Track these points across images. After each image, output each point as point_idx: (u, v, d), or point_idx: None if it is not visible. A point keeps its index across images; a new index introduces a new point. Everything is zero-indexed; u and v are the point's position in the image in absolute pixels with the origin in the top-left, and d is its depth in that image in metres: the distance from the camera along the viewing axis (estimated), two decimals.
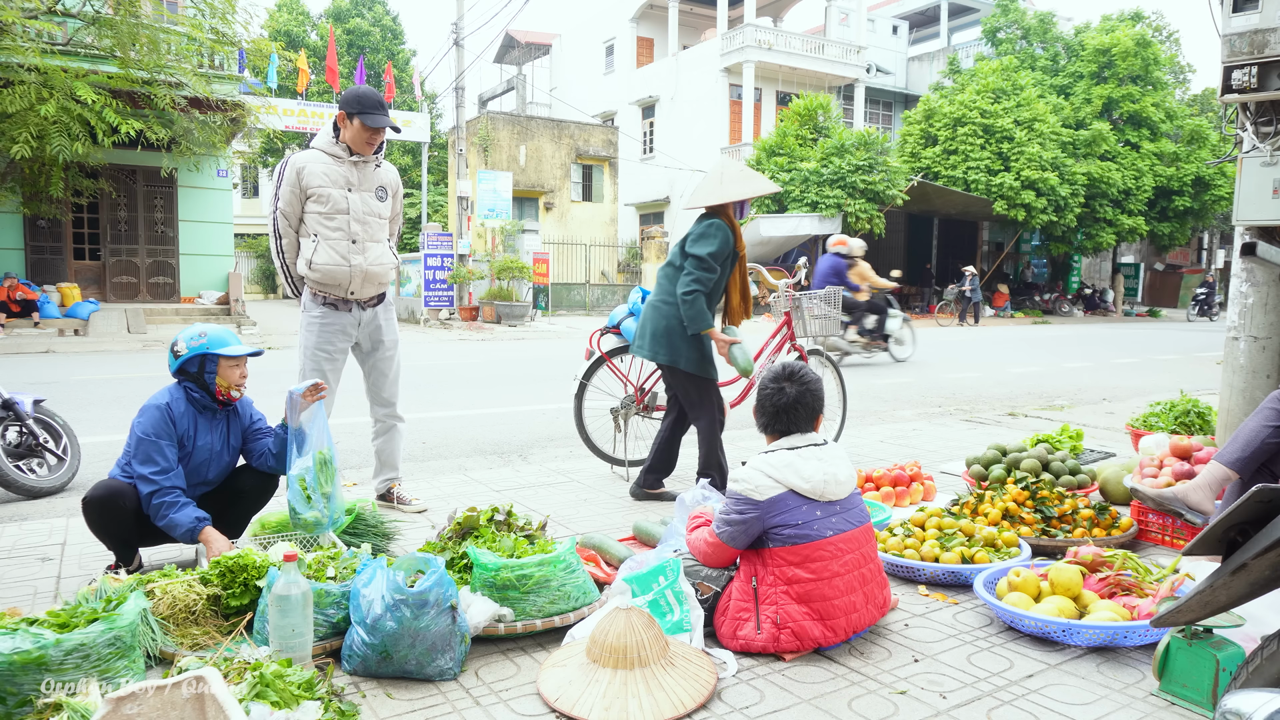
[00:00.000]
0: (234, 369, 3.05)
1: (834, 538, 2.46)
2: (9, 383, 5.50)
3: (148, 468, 2.87)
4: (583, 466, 4.93)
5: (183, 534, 2.87)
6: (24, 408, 4.50)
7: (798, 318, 5.02)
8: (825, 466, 2.52)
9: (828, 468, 2.52)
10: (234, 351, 3.02)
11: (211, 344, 3.00)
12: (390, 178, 3.85)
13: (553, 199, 27.86)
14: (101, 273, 17.39)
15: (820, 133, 24.79)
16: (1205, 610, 1.64)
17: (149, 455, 2.89)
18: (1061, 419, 6.83)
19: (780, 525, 2.44)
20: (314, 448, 3.06)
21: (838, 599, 2.43)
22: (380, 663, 2.26)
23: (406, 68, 34.12)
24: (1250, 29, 3.79)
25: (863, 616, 2.49)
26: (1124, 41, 26.64)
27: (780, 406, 2.62)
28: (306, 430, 3.06)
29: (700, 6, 33.43)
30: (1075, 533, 3.35)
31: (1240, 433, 2.82)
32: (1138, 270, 33.52)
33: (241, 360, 3.08)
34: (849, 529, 2.50)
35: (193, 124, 14.76)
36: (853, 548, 2.49)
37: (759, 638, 2.43)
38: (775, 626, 2.42)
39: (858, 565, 2.49)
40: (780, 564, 2.45)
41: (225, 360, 3.02)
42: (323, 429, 3.10)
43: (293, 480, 3.01)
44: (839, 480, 2.52)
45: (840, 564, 2.45)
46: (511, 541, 2.72)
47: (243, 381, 3.11)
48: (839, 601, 2.43)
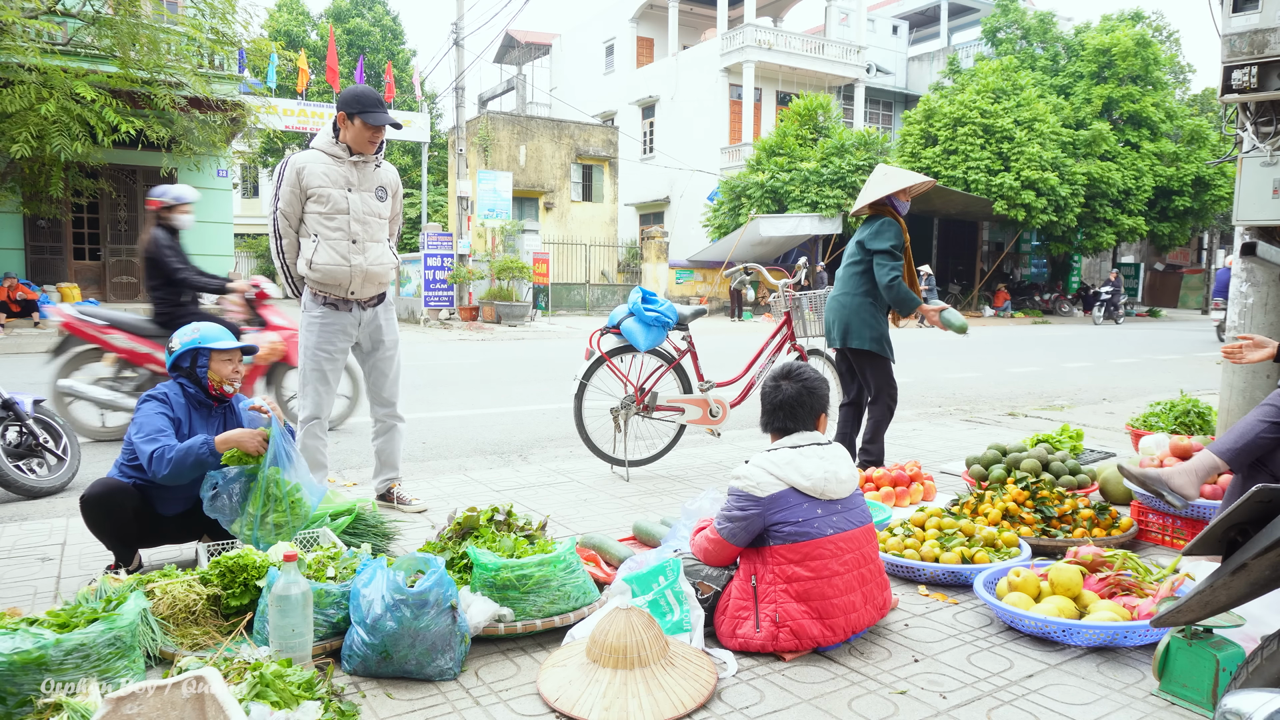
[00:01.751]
0: (226, 363, 3.08)
1: (834, 536, 2.46)
2: (9, 383, 5.50)
3: (150, 445, 2.86)
4: (583, 466, 4.93)
5: (198, 459, 2.82)
6: (24, 408, 4.50)
7: (798, 318, 5.02)
8: (827, 465, 2.52)
9: (829, 466, 2.53)
10: (224, 346, 3.05)
11: (203, 339, 3.04)
12: (390, 178, 3.85)
13: (553, 199, 27.86)
14: (101, 273, 17.39)
15: (820, 133, 24.82)
16: (1205, 610, 1.64)
17: (152, 434, 2.89)
18: (1061, 419, 6.83)
19: (781, 522, 2.45)
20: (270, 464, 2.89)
21: (836, 598, 2.43)
22: (380, 663, 2.26)
23: (406, 68, 34.12)
24: (1250, 29, 3.79)
25: (861, 617, 2.49)
26: (1124, 41, 26.65)
27: (778, 404, 2.64)
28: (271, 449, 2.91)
29: (700, 6, 33.43)
30: (1075, 533, 3.35)
31: (1236, 426, 2.82)
32: (1138, 270, 33.52)
33: (234, 355, 3.10)
34: (849, 528, 2.50)
35: (193, 124, 14.77)
36: (853, 547, 2.49)
37: (758, 636, 2.43)
38: (774, 625, 2.42)
39: (857, 565, 2.49)
40: (780, 562, 2.45)
41: (217, 355, 3.06)
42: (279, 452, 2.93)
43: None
44: (840, 479, 2.52)
45: (840, 563, 2.45)
46: (511, 541, 2.72)
47: (236, 376, 3.12)
48: (838, 600, 2.43)
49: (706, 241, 26.91)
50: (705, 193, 28.20)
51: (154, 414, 2.96)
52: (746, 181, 24.46)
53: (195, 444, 2.85)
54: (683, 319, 4.62)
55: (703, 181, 28.95)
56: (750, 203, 24.14)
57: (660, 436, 4.99)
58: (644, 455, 4.85)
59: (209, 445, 2.85)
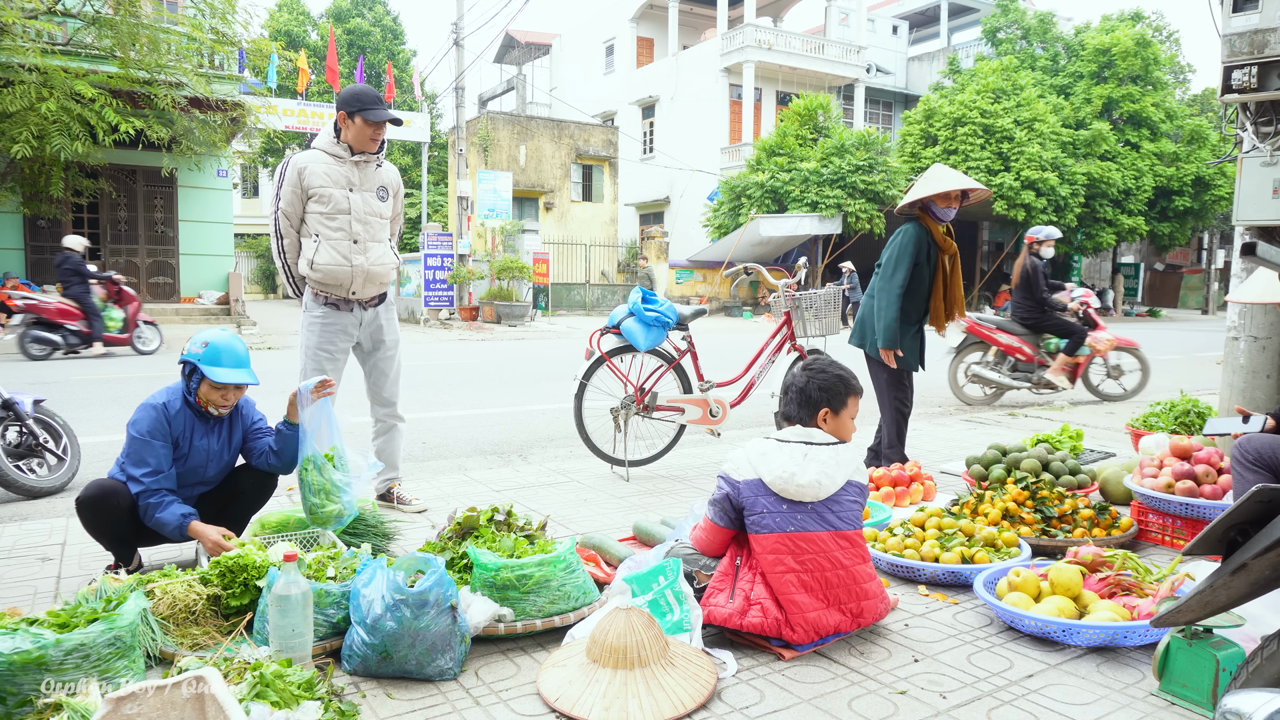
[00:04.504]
0: (215, 392, 2.95)
1: (793, 534, 2.45)
2: (9, 383, 5.50)
3: (139, 469, 2.87)
4: (583, 466, 4.93)
5: (172, 531, 2.87)
6: (24, 408, 4.50)
7: (798, 318, 5.02)
8: (792, 465, 2.48)
9: (794, 467, 2.48)
10: (219, 378, 2.89)
11: (204, 359, 2.90)
12: (391, 178, 3.85)
13: (553, 199, 27.86)
14: None
15: (820, 133, 24.80)
16: (1205, 610, 1.64)
17: (141, 456, 2.88)
18: (1061, 419, 6.83)
19: (748, 510, 2.52)
20: (325, 444, 3.07)
21: (794, 594, 2.42)
22: (380, 663, 2.26)
23: (406, 68, 34.12)
24: (1250, 29, 3.79)
25: (824, 620, 2.42)
26: (1124, 41, 26.65)
27: (785, 388, 2.73)
28: (310, 428, 3.05)
29: (700, 6, 33.43)
30: (1075, 533, 3.35)
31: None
32: (1138, 270, 33.52)
33: (226, 387, 2.96)
34: (815, 529, 2.46)
35: (193, 124, 14.77)
36: (815, 549, 2.45)
37: (728, 606, 2.47)
38: (746, 601, 2.45)
39: (820, 568, 2.44)
40: (754, 548, 2.51)
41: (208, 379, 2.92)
42: (332, 425, 3.10)
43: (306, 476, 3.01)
44: (798, 483, 2.46)
45: (796, 560, 2.44)
46: (511, 541, 2.72)
47: (225, 405, 2.99)
48: (796, 598, 2.41)
49: (706, 241, 26.90)
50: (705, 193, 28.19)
51: (145, 436, 2.88)
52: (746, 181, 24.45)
53: (170, 520, 2.86)
54: (683, 319, 4.62)
55: (703, 181, 28.94)
56: (750, 203, 24.13)
57: (660, 436, 4.99)
58: (644, 455, 4.85)
59: (181, 530, 2.87)
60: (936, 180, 4.31)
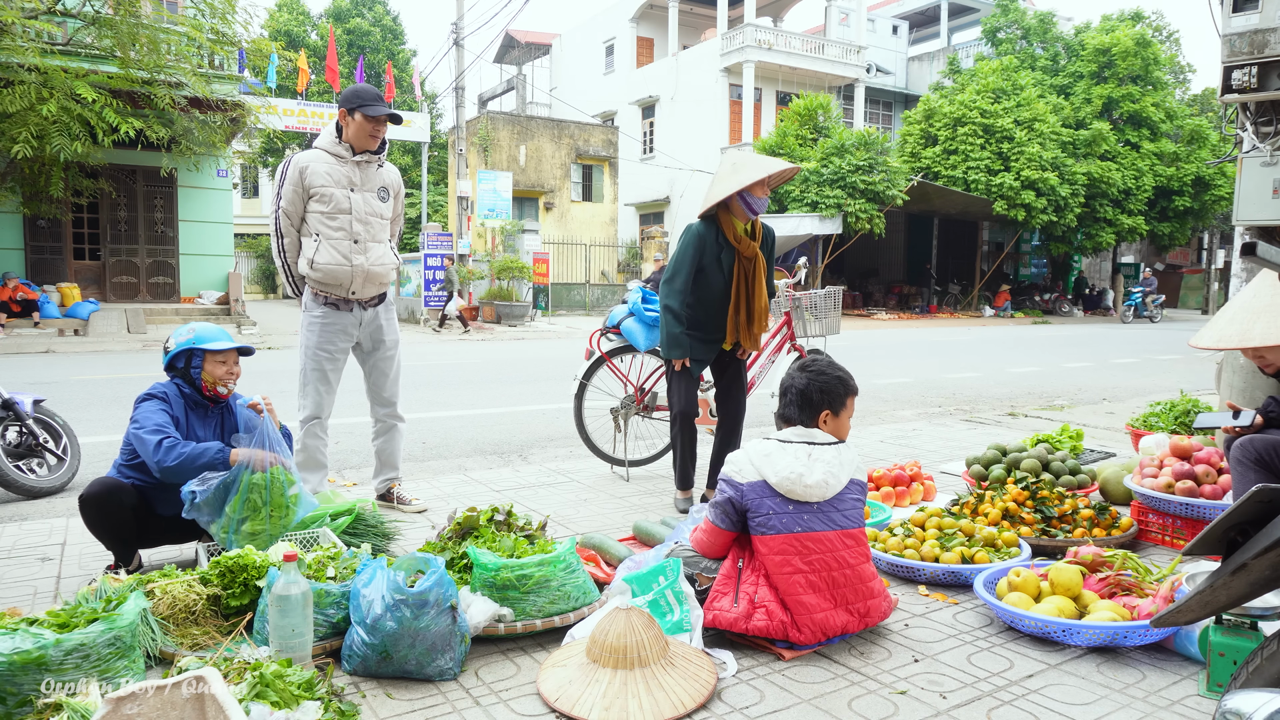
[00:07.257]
0: (220, 365, 3.05)
1: (800, 534, 2.45)
2: (9, 383, 5.50)
3: (155, 430, 2.87)
4: (583, 466, 4.93)
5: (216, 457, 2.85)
6: (24, 408, 4.50)
7: (798, 318, 5.02)
8: (799, 466, 2.48)
9: (801, 468, 2.47)
10: (219, 346, 3.02)
11: (198, 339, 3.02)
12: (392, 178, 3.86)
13: (553, 199, 27.86)
14: (101, 273, 17.39)
15: (820, 133, 24.79)
16: (1205, 610, 1.64)
17: (155, 422, 2.89)
18: (1061, 419, 6.83)
19: (753, 512, 2.50)
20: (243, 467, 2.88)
21: (800, 595, 2.41)
22: (380, 663, 2.26)
23: (406, 68, 34.12)
24: (1250, 29, 3.79)
25: (831, 620, 2.43)
26: (1124, 41, 26.65)
27: (783, 390, 2.69)
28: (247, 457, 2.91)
29: (700, 6, 33.42)
30: (1075, 533, 3.35)
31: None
32: (1138, 270, 33.53)
33: (229, 356, 3.08)
34: (821, 529, 2.47)
35: (193, 124, 14.77)
36: (821, 549, 2.46)
37: (733, 611, 2.45)
38: (750, 604, 2.44)
39: (826, 568, 2.45)
40: (758, 550, 2.49)
41: (211, 356, 3.03)
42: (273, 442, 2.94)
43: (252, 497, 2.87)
44: (805, 483, 2.46)
45: (804, 561, 2.44)
46: (511, 541, 2.72)
47: (230, 378, 3.09)
48: (803, 599, 2.41)
49: None
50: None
51: (155, 410, 2.95)
52: None
53: (211, 449, 2.86)
54: None
55: (703, 181, 28.92)
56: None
57: (660, 436, 4.99)
58: (644, 455, 4.85)
59: (224, 455, 2.86)
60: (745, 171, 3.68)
